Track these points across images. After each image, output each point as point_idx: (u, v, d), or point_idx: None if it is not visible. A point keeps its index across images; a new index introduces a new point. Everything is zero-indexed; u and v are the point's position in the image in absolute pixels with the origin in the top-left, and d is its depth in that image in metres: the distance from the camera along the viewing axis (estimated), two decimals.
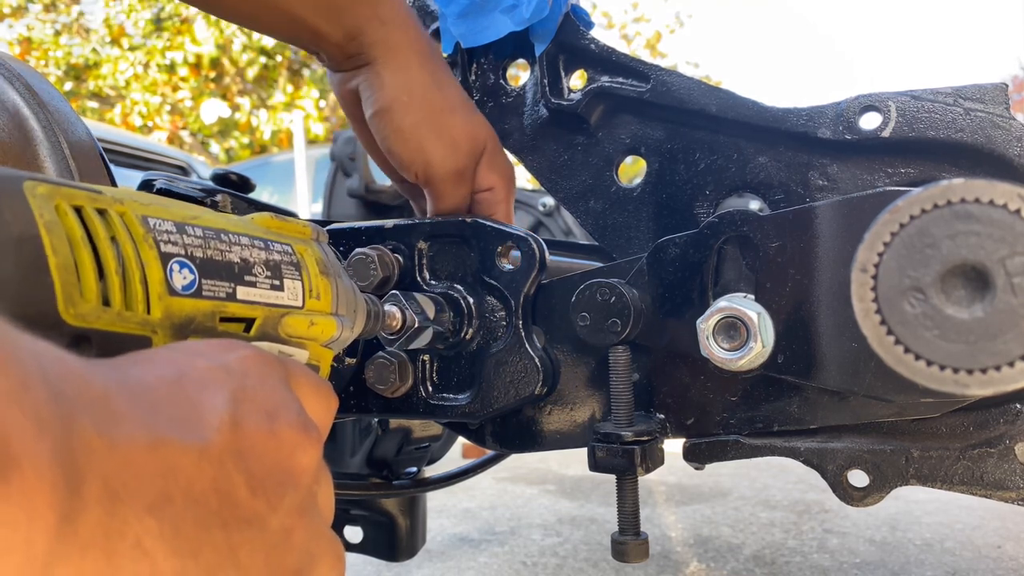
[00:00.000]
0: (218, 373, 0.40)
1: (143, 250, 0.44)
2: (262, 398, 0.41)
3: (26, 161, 0.68)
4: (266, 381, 0.43)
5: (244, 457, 0.38)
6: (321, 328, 0.56)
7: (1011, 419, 0.77)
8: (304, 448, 0.42)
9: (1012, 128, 0.75)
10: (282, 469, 0.41)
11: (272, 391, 0.43)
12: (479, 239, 0.89)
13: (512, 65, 1.00)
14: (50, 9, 13.54)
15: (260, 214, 0.57)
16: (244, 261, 0.50)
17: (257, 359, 0.44)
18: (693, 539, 2.42)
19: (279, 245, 0.55)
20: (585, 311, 0.83)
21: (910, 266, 0.57)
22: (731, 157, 0.87)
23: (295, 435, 0.42)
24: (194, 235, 0.48)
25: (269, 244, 0.54)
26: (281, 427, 0.41)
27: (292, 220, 0.58)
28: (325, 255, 0.59)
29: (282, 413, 0.42)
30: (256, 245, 0.52)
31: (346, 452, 1.42)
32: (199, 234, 0.48)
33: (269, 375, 0.44)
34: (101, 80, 13.00)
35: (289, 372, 0.46)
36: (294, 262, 0.55)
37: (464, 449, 3.43)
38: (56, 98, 0.74)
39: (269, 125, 12.56)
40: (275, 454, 0.41)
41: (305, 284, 0.55)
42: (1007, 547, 2.27)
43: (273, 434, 0.41)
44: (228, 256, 0.49)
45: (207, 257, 0.48)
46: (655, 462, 0.82)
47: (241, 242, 0.51)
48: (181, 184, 0.95)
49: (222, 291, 0.48)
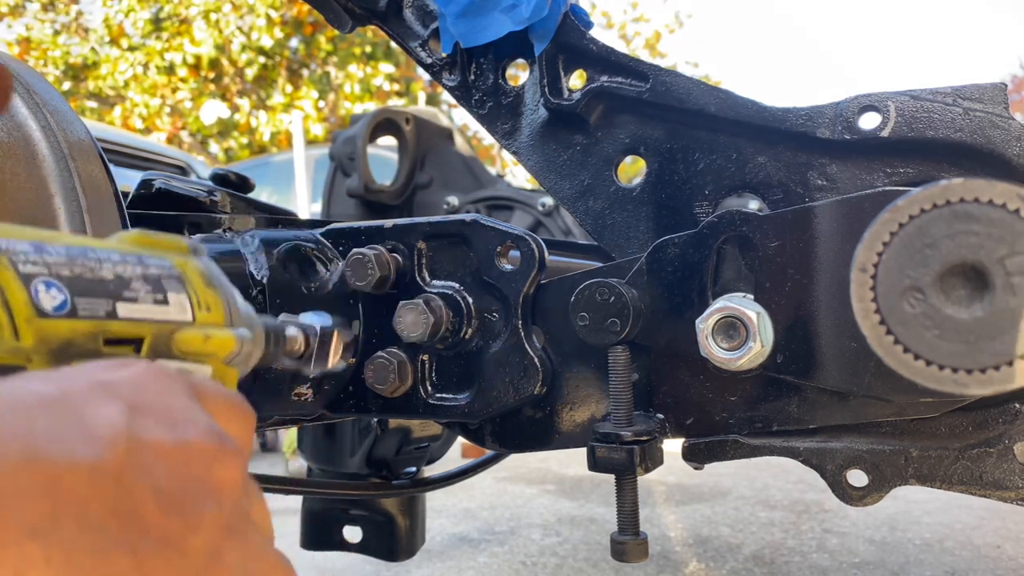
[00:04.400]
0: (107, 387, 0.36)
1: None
2: (163, 410, 0.38)
3: (26, 161, 0.68)
4: (166, 394, 0.39)
5: (148, 473, 0.34)
6: (218, 342, 0.52)
7: (1010, 419, 0.77)
8: (221, 460, 0.38)
9: (1011, 128, 0.75)
10: (197, 484, 0.37)
11: (174, 403, 0.39)
12: (478, 239, 0.89)
13: (511, 65, 1.00)
14: (48, 9, 13.54)
15: (127, 231, 0.52)
16: (119, 277, 0.47)
17: (154, 372, 0.40)
18: (692, 539, 2.42)
19: (155, 260, 0.51)
20: (584, 311, 0.83)
21: (909, 266, 0.57)
22: (730, 157, 0.87)
23: (207, 447, 0.38)
24: (56, 254, 0.44)
25: (144, 259, 0.50)
26: (189, 438, 0.37)
27: (165, 236, 0.53)
28: (208, 268, 0.55)
29: (189, 425, 0.38)
30: (129, 261, 0.48)
31: (346, 452, 1.42)
32: (61, 252, 0.44)
33: (169, 388, 0.39)
34: (100, 80, 12.99)
35: (193, 385, 0.42)
36: (175, 275, 0.51)
37: (463, 449, 3.43)
38: (55, 98, 0.74)
39: (268, 126, 12.55)
40: (186, 468, 0.36)
41: (192, 297, 0.51)
42: (1006, 547, 2.27)
43: (181, 446, 0.37)
44: (100, 273, 0.46)
45: (76, 275, 0.44)
46: (654, 462, 0.82)
47: (112, 258, 0.47)
48: (180, 183, 0.95)
49: (100, 309, 0.45)
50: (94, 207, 0.70)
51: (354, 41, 12.40)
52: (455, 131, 2.73)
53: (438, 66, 1.03)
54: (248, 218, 0.96)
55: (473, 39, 0.96)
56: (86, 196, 0.70)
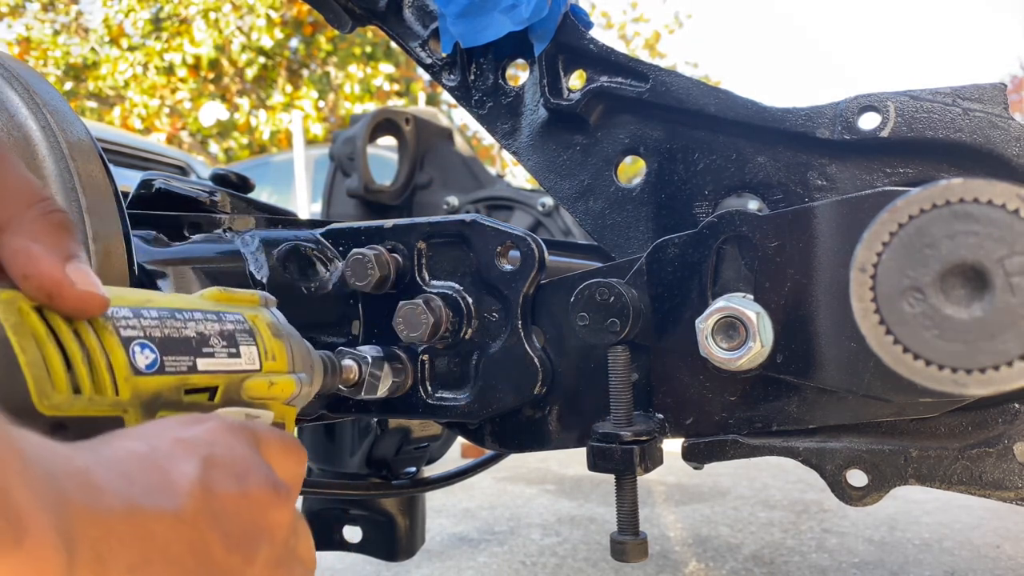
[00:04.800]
0: (187, 444, 0.44)
1: (105, 337, 0.47)
2: (231, 463, 0.45)
3: (25, 161, 0.68)
4: (234, 447, 0.46)
5: (218, 518, 0.42)
6: (281, 387, 0.60)
7: (1010, 419, 0.77)
8: (276, 506, 0.47)
9: (1010, 128, 0.75)
10: (256, 527, 0.45)
11: (240, 456, 0.46)
12: (478, 239, 0.89)
13: (511, 65, 1.00)
14: (48, 9, 13.52)
15: (209, 289, 0.61)
16: (200, 335, 0.54)
17: (224, 428, 0.47)
18: (692, 539, 2.42)
19: (231, 315, 0.58)
20: (584, 311, 0.83)
21: (909, 266, 0.57)
22: (730, 157, 0.87)
23: (265, 495, 0.46)
24: (150, 317, 0.51)
25: (221, 316, 0.58)
26: (251, 488, 0.45)
27: (239, 292, 0.62)
28: (276, 318, 0.64)
29: (251, 475, 0.46)
30: (209, 319, 0.56)
31: (345, 452, 1.42)
32: (155, 315, 0.52)
33: (236, 442, 0.47)
34: (100, 80, 12.97)
35: (257, 436, 0.50)
36: (247, 329, 0.59)
37: (463, 449, 3.43)
38: (55, 98, 0.74)
39: (268, 125, 12.54)
40: (247, 514, 0.44)
41: (260, 348, 0.59)
42: (1005, 547, 2.27)
43: (244, 495, 0.45)
44: (185, 332, 0.53)
45: (165, 336, 0.52)
46: (654, 462, 0.82)
47: (195, 317, 0.55)
48: (180, 184, 0.95)
49: (183, 365, 0.52)
50: (94, 207, 0.70)
51: (354, 41, 12.39)
52: (455, 131, 2.73)
53: (438, 66, 1.03)
54: (248, 218, 0.96)
55: (473, 39, 0.96)
56: (86, 196, 0.70)
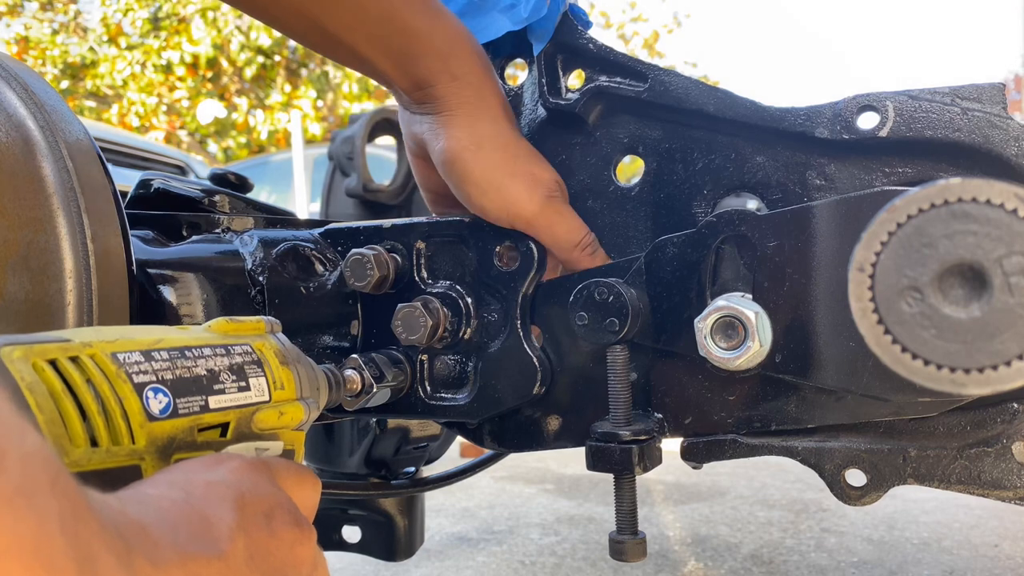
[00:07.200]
0: (218, 488, 0.46)
1: (118, 386, 0.47)
2: (259, 502, 0.48)
3: (24, 161, 0.68)
4: (259, 485, 0.49)
5: (254, 559, 0.46)
6: (291, 416, 0.60)
7: (1008, 418, 0.77)
8: (301, 541, 0.50)
9: (1009, 128, 0.75)
10: (285, 563, 0.49)
11: (266, 494, 0.49)
12: (477, 239, 0.89)
13: (510, 64, 1.00)
14: (47, 8, 13.52)
15: (215, 321, 0.60)
16: (210, 372, 0.54)
17: (246, 466, 0.49)
18: (691, 538, 2.42)
19: (239, 347, 0.58)
20: (583, 310, 0.83)
21: (907, 265, 0.57)
22: (729, 157, 0.87)
23: (291, 532, 0.50)
24: (161, 359, 0.51)
25: (230, 349, 0.58)
26: (279, 526, 0.49)
27: (245, 320, 0.61)
28: (282, 345, 0.63)
29: (277, 513, 0.49)
30: (218, 353, 0.56)
31: (344, 452, 1.42)
32: (165, 357, 0.52)
33: (259, 478, 0.50)
34: (98, 79, 12.97)
35: (273, 471, 0.53)
36: (255, 360, 0.59)
37: (462, 448, 3.43)
38: (53, 97, 0.74)
39: (266, 125, 12.54)
40: (277, 552, 0.48)
41: (268, 378, 0.59)
42: (1004, 546, 2.28)
43: (273, 534, 0.48)
44: (195, 371, 0.53)
45: (177, 377, 0.52)
46: (653, 461, 0.82)
47: (204, 354, 0.55)
48: (179, 183, 0.95)
49: (196, 405, 0.52)
50: (92, 207, 0.70)
51: None
52: None
53: None
54: (247, 218, 0.96)
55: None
56: (84, 196, 0.70)
